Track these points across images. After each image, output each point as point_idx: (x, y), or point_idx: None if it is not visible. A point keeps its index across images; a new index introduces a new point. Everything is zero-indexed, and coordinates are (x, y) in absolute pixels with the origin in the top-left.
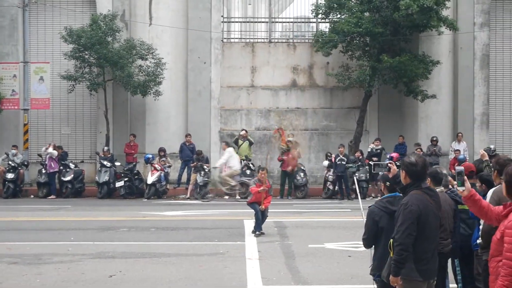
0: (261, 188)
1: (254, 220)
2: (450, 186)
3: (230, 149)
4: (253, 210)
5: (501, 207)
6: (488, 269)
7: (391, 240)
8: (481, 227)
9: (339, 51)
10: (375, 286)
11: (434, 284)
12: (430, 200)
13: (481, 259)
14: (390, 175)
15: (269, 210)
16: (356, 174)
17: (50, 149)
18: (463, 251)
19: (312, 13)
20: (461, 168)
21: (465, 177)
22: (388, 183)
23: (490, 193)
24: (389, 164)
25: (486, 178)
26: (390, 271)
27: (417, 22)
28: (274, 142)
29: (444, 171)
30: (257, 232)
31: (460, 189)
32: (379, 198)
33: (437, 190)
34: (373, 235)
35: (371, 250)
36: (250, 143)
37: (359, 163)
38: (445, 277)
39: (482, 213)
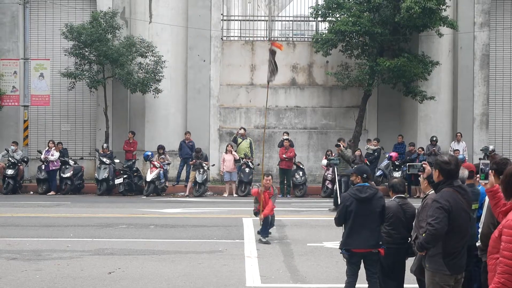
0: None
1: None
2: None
3: None
4: (252, 209)
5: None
6: (487, 269)
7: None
8: (479, 230)
9: (338, 50)
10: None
11: (462, 281)
12: (461, 198)
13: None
14: (425, 175)
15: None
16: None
17: (51, 153)
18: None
19: (311, 14)
20: (486, 162)
21: (490, 171)
22: (365, 175)
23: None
24: (423, 165)
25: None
26: (418, 265)
27: (417, 23)
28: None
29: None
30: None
31: (483, 182)
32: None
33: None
34: (343, 217)
35: (342, 229)
36: (251, 143)
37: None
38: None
39: (497, 209)
